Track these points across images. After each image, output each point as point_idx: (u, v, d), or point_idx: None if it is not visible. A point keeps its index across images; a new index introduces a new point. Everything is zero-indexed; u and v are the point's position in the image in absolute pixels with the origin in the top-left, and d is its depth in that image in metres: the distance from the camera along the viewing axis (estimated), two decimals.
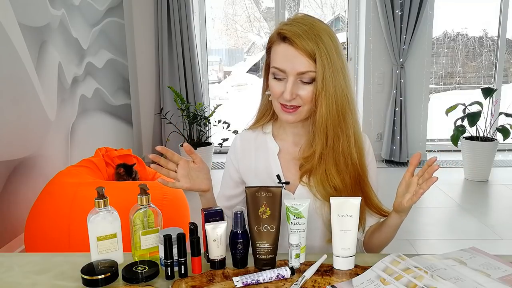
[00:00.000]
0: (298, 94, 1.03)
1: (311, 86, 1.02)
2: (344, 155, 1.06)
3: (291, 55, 1.01)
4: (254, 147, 1.18)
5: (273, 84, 1.06)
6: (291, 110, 1.05)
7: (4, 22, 2.20)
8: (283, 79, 1.04)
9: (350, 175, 1.07)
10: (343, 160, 1.06)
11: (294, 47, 1.00)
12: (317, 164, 1.07)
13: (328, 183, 1.06)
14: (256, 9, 5.33)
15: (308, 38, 1.00)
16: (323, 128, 1.04)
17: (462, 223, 2.94)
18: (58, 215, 1.97)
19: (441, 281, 0.83)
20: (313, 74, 1.01)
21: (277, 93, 1.05)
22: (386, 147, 4.29)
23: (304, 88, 1.03)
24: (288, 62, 1.01)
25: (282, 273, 0.90)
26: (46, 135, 2.61)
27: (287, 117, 1.07)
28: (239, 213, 0.95)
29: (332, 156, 1.06)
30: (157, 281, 0.91)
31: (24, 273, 0.96)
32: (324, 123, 1.03)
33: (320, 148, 1.06)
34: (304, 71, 1.01)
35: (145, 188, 1.00)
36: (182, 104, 3.81)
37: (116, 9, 3.76)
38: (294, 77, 1.02)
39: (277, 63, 1.03)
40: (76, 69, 3.03)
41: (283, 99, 1.04)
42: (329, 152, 1.06)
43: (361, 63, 4.36)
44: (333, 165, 1.06)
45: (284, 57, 1.02)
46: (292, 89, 1.02)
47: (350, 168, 1.07)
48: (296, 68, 1.01)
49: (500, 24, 4.43)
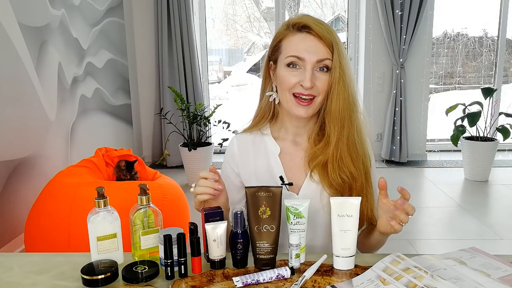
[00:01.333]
0: (315, 84, 1.04)
1: (327, 75, 1.04)
2: (357, 143, 1.08)
3: (310, 43, 1.03)
4: (253, 150, 1.16)
5: (287, 74, 1.06)
6: (305, 103, 1.06)
7: (4, 22, 2.20)
8: (299, 68, 1.05)
9: (363, 163, 1.09)
10: (356, 148, 1.08)
11: (313, 35, 1.03)
12: (333, 152, 1.07)
13: (344, 171, 1.07)
14: (256, 9, 5.33)
15: (324, 27, 1.04)
16: (339, 116, 1.06)
17: (462, 223, 2.94)
18: (58, 215, 1.97)
19: (441, 281, 0.83)
20: (329, 62, 1.04)
21: (292, 83, 1.05)
22: (386, 147, 4.29)
23: (320, 77, 1.04)
24: (307, 50, 1.03)
25: (282, 273, 0.90)
26: (46, 135, 2.61)
27: (301, 111, 1.06)
28: (239, 213, 0.95)
29: (346, 144, 1.07)
30: (157, 281, 0.91)
31: (24, 273, 0.96)
32: (342, 110, 1.05)
33: (336, 136, 1.07)
34: (323, 58, 1.03)
35: (145, 188, 1.00)
36: (182, 104, 3.81)
37: (116, 9, 3.76)
38: (312, 65, 1.03)
39: (295, 52, 1.04)
40: (76, 69, 3.03)
41: (300, 88, 1.04)
42: (344, 140, 1.07)
43: (361, 63, 4.36)
44: (348, 153, 1.08)
45: (303, 45, 1.04)
46: (312, 77, 1.03)
47: (362, 157, 1.09)
48: (316, 56, 1.03)
49: (500, 24, 4.43)
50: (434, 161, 4.37)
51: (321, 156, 1.09)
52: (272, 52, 1.11)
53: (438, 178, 3.86)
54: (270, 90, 1.15)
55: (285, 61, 1.06)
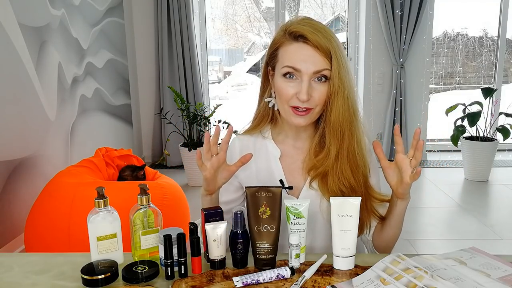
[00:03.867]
0: (312, 95, 1.01)
1: (325, 86, 1.01)
2: (357, 154, 1.06)
3: (307, 53, 1.00)
4: (254, 152, 1.13)
5: (284, 85, 1.03)
6: (303, 113, 1.03)
7: (4, 22, 2.20)
8: (296, 79, 1.02)
9: (362, 174, 1.07)
10: (356, 160, 1.06)
11: (309, 45, 0.99)
12: (333, 165, 1.05)
13: (343, 183, 1.05)
14: (256, 9, 5.33)
15: (322, 36, 0.99)
16: (339, 127, 1.03)
17: (462, 223, 2.94)
18: (58, 215, 1.97)
19: (441, 281, 0.83)
20: (327, 72, 1.00)
21: (289, 95, 1.02)
22: (386, 147, 4.29)
23: (317, 88, 1.01)
24: (304, 61, 1.00)
25: (282, 273, 0.90)
26: (46, 135, 2.61)
27: (299, 120, 1.04)
28: (239, 213, 0.95)
29: (346, 157, 1.05)
30: (157, 281, 0.91)
31: (24, 273, 0.95)
32: (341, 122, 1.03)
33: (336, 148, 1.04)
34: (321, 69, 1.00)
35: (145, 188, 1.00)
36: (182, 104, 3.81)
37: (116, 9, 3.76)
38: (309, 76, 1.00)
39: (291, 62, 1.01)
40: (76, 69, 3.03)
41: (296, 101, 1.01)
42: (344, 153, 1.05)
43: (361, 63, 4.36)
44: (348, 165, 1.05)
45: (299, 55, 1.00)
46: (308, 89, 1.00)
47: (362, 168, 1.07)
48: (313, 66, 0.99)
49: (500, 24, 4.43)
50: (434, 161, 4.37)
51: (321, 168, 1.07)
52: (270, 58, 1.09)
53: (438, 178, 3.86)
54: (268, 95, 1.13)
55: (282, 70, 1.03)
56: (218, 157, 0.98)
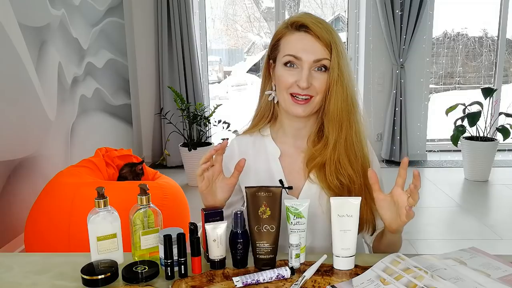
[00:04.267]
0: (312, 84, 1.03)
1: (325, 75, 1.03)
2: (355, 145, 1.07)
3: (308, 42, 1.03)
4: (253, 152, 1.15)
5: (285, 73, 1.05)
6: (302, 102, 1.04)
7: (4, 22, 2.20)
8: (296, 68, 1.04)
9: (361, 165, 1.07)
10: (354, 150, 1.07)
11: (311, 35, 1.03)
12: (331, 154, 1.06)
13: (342, 173, 1.05)
14: (256, 9, 5.33)
15: (323, 27, 1.03)
16: (338, 116, 1.04)
17: (462, 223, 2.94)
18: (58, 215, 1.96)
19: (441, 281, 0.83)
20: (327, 62, 1.03)
21: (289, 83, 1.04)
22: (386, 147, 4.29)
23: (317, 77, 1.03)
24: (305, 50, 1.02)
25: (282, 273, 0.90)
26: (46, 135, 2.61)
27: (298, 109, 1.05)
28: (239, 213, 0.95)
29: (344, 146, 1.06)
30: (157, 281, 0.91)
31: (24, 273, 0.95)
32: (340, 111, 1.04)
33: (335, 137, 1.06)
34: (321, 58, 1.02)
35: (145, 188, 1.00)
36: (182, 104, 3.81)
37: (116, 9, 3.76)
38: (309, 64, 1.02)
39: (293, 51, 1.03)
40: (76, 69, 3.03)
41: (296, 88, 1.03)
42: (342, 142, 1.06)
43: (361, 63, 4.36)
44: (345, 155, 1.06)
45: (301, 44, 1.03)
46: (308, 77, 1.02)
47: (360, 159, 1.07)
48: (314, 55, 1.02)
49: (500, 24, 4.43)
50: (434, 161, 4.37)
51: (319, 157, 1.08)
52: (271, 50, 1.11)
53: (438, 178, 3.86)
54: (269, 89, 1.14)
55: (283, 60, 1.05)
56: (213, 169, 0.99)
